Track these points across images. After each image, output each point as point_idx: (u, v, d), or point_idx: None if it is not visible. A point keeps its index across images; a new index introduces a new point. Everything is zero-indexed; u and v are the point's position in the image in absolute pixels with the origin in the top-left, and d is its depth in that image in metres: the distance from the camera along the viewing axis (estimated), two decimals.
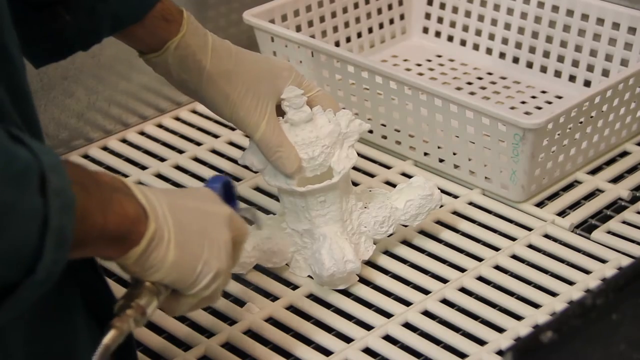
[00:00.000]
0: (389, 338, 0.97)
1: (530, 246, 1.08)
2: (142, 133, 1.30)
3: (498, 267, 1.05)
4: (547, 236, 1.10)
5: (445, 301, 1.01)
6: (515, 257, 1.07)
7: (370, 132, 1.23)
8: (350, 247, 0.99)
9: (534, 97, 1.34)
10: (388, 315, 0.99)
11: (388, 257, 1.06)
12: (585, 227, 1.11)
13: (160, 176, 1.21)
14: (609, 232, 1.10)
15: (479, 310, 1.00)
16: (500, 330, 0.97)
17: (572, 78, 1.34)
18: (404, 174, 1.19)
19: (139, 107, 1.32)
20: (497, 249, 1.08)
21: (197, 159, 1.24)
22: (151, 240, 0.70)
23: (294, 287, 1.03)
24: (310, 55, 1.23)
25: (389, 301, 1.01)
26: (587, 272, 1.04)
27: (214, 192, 0.80)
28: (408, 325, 0.98)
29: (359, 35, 1.41)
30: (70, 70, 1.24)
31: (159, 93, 1.33)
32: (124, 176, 1.20)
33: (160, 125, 1.31)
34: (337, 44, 1.38)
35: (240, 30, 1.34)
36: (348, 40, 1.40)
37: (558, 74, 1.35)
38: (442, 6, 1.44)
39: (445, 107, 1.13)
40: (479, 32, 1.42)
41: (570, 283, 1.03)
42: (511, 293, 1.02)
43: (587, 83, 1.33)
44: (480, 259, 1.06)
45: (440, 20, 1.45)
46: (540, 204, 1.14)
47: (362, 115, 1.23)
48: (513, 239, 1.09)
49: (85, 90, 1.26)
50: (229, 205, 0.82)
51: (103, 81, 1.28)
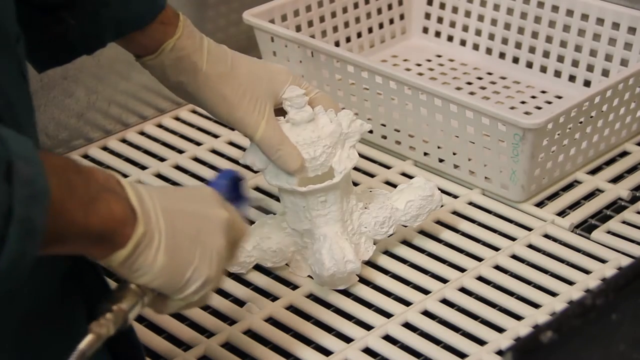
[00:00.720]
0: (388, 338, 0.97)
1: (530, 246, 1.08)
2: (142, 133, 1.30)
3: (498, 267, 1.05)
4: (547, 236, 1.10)
5: (445, 301, 1.01)
6: (515, 257, 1.07)
7: (370, 132, 1.23)
8: (350, 247, 0.99)
9: (533, 97, 1.34)
10: (388, 315, 0.99)
11: (388, 257, 1.06)
12: (585, 227, 1.11)
13: (160, 176, 1.21)
14: (608, 232, 1.10)
15: (478, 310, 1.00)
16: (500, 330, 0.97)
17: (572, 78, 1.34)
18: (404, 174, 1.19)
19: (138, 107, 1.32)
20: (497, 249, 1.08)
21: (197, 159, 1.24)
22: (138, 244, 0.69)
23: (294, 287, 1.03)
24: (310, 55, 1.23)
25: (388, 301, 1.01)
26: (587, 272, 1.04)
27: (216, 192, 0.79)
28: (408, 325, 0.98)
29: (359, 35, 1.41)
30: (70, 70, 1.24)
31: (159, 93, 1.33)
32: (124, 176, 1.20)
33: (160, 125, 1.31)
34: (337, 44, 1.38)
35: (240, 30, 1.34)
36: (348, 40, 1.40)
37: (558, 74, 1.35)
38: (442, 6, 1.44)
39: (445, 107, 1.13)
40: (478, 32, 1.42)
41: (570, 283, 1.03)
42: (511, 293, 1.02)
43: (587, 83, 1.33)
44: (480, 259, 1.06)
45: (440, 20, 1.45)
46: (540, 204, 1.14)
47: (362, 115, 1.23)
48: (513, 239, 1.09)
49: (85, 90, 1.26)
50: (238, 200, 0.82)
51: (103, 81, 1.28)
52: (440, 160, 1.18)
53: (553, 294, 1.01)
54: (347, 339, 0.97)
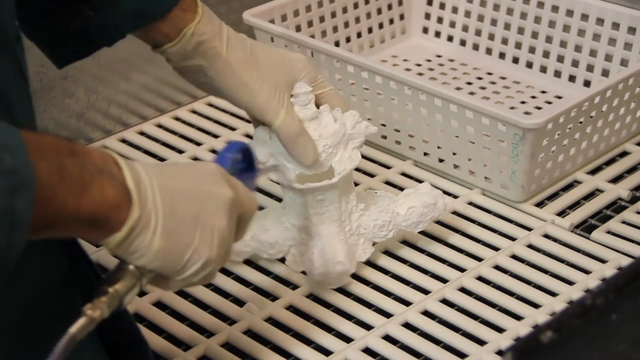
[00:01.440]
0: (388, 338, 0.97)
1: (530, 246, 1.08)
2: (142, 133, 1.30)
3: (498, 267, 1.05)
4: (546, 236, 1.10)
5: (445, 301, 1.01)
6: (515, 257, 1.07)
7: None
8: (343, 248, 0.99)
9: (533, 97, 1.34)
10: (388, 315, 0.99)
11: (388, 257, 1.06)
12: (585, 227, 1.11)
13: None
14: (608, 232, 1.10)
15: (478, 310, 1.00)
16: (500, 330, 0.97)
17: (572, 78, 1.34)
18: (404, 174, 1.19)
19: (138, 107, 1.32)
20: (496, 249, 1.08)
21: (196, 159, 1.24)
22: (134, 227, 0.68)
23: (294, 287, 1.03)
24: (310, 55, 1.23)
25: (388, 301, 1.01)
26: (586, 272, 1.04)
27: (221, 169, 0.76)
28: (408, 325, 0.98)
29: (359, 35, 1.41)
30: (70, 70, 1.24)
31: (159, 93, 1.33)
32: None
33: (160, 125, 1.31)
34: (337, 44, 1.38)
35: (240, 30, 1.32)
36: (348, 40, 1.40)
37: (558, 74, 1.35)
38: (442, 6, 1.45)
39: (445, 107, 1.13)
40: (478, 32, 1.42)
41: (570, 283, 1.03)
42: (511, 293, 1.02)
43: (587, 83, 1.33)
44: (480, 259, 1.06)
45: (440, 20, 1.45)
46: (540, 204, 1.14)
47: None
48: (513, 239, 1.09)
49: (85, 90, 1.26)
50: (247, 173, 0.81)
51: (103, 81, 1.28)
52: (440, 160, 1.18)
53: (553, 294, 1.01)
54: (347, 339, 0.97)
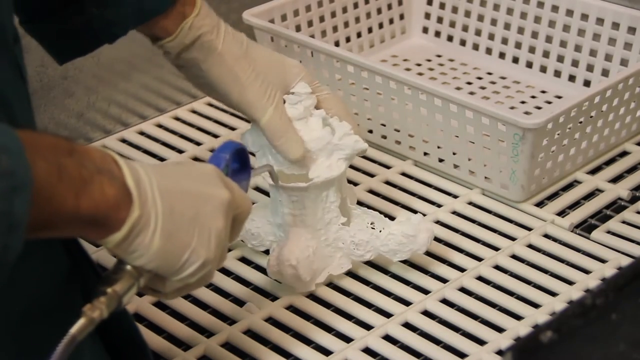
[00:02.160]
0: (388, 338, 0.97)
1: (530, 246, 1.08)
2: (142, 133, 1.30)
3: (498, 267, 1.05)
4: (546, 236, 1.10)
5: (445, 301, 1.01)
6: (514, 257, 1.07)
7: (370, 132, 1.23)
8: (302, 254, 0.98)
9: (533, 97, 1.34)
10: (388, 315, 0.99)
11: (388, 257, 1.06)
12: (585, 227, 1.11)
13: None
14: (608, 232, 1.10)
15: (478, 310, 1.00)
16: (500, 330, 0.97)
17: (572, 78, 1.34)
18: (404, 174, 1.19)
19: (138, 107, 1.32)
20: (496, 248, 1.08)
21: (197, 159, 1.24)
22: (133, 227, 0.68)
23: None
24: (310, 55, 1.23)
25: (388, 301, 1.01)
26: (586, 272, 1.04)
27: (217, 170, 0.77)
28: (408, 325, 0.98)
29: (359, 35, 1.41)
30: (70, 70, 1.24)
31: (159, 93, 1.33)
32: None
33: (160, 125, 1.31)
34: (337, 43, 1.38)
35: (239, 30, 1.33)
36: (348, 40, 1.40)
37: (558, 73, 1.35)
38: (442, 6, 1.44)
39: (445, 107, 1.13)
40: (478, 32, 1.42)
41: (570, 283, 1.03)
42: (511, 293, 1.02)
43: (587, 83, 1.33)
44: (480, 259, 1.06)
45: (440, 20, 1.45)
46: (540, 204, 1.14)
47: (362, 115, 1.23)
48: (513, 238, 1.09)
49: (85, 90, 1.26)
50: (241, 172, 0.81)
51: (103, 81, 1.28)
52: (440, 160, 1.18)
53: (553, 293, 1.01)
54: (347, 339, 0.97)
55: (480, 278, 1.04)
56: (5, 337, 0.72)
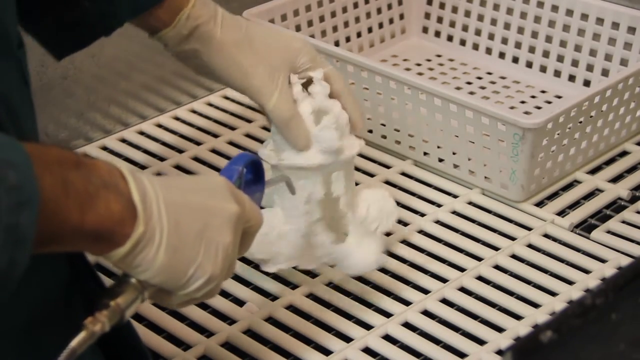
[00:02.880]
0: (388, 338, 0.97)
1: (530, 246, 1.08)
2: (142, 133, 1.30)
3: (497, 267, 1.05)
4: (546, 236, 1.10)
5: (445, 301, 1.01)
6: (514, 256, 1.07)
7: (370, 132, 1.23)
8: (262, 232, 0.88)
9: (533, 96, 1.34)
10: (388, 314, 0.99)
11: (388, 257, 1.06)
12: (585, 227, 1.11)
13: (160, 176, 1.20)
14: (608, 232, 1.10)
15: (478, 310, 1.00)
16: (499, 330, 0.97)
17: (572, 78, 1.34)
18: (404, 174, 1.19)
19: (138, 106, 1.32)
20: (496, 248, 1.08)
21: (197, 159, 1.24)
22: (137, 242, 0.67)
23: (294, 286, 1.03)
24: None
25: (388, 300, 1.01)
26: (586, 271, 1.04)
27: (228, 182, 0.76)
28: (408, 325, 0.98)
29: (359, 34, 1.41)
30: (70, 70, 1.24)
31: (159, 93, 1.33)
32: None
33: (160, 125, 1.31)
34: (337, 43, 1.38)
35: None
36: (348, 39, 1.40)
37: (557, 73, 1.35)
38: (442, 6, 1.44)
39: (445, 107, 1.13)
40: (478, 32, 1.42)
41: (570, 283, 1.03)
42: (511, 293, 1.02)
43: (587, 83, 1.33)
44: (479, 259, 1.06)
45: (439, 20, 1.45)
46: (540, 204, 1.14)
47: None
48: (513, 238, 1.09)
49: (85, 90, 1.26)
50: (255, 185, 0.80)
51: (103, 81, 1.28)
52: (440, 160, 1.18)
53: (553, 293, 1.01)
54: (347, 339, 0.97)
55: (480, 278, 1.04)
56: (9, 347, 0.72)
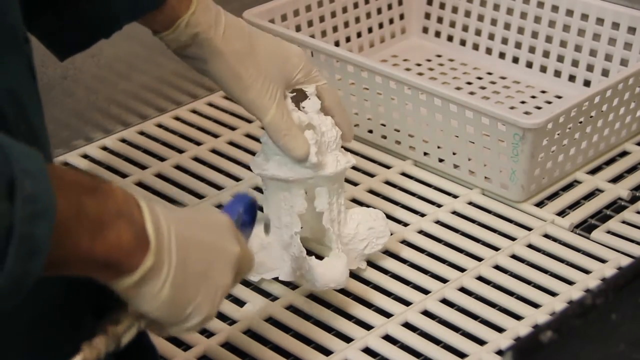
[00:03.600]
0: (388, 338, 0.97)
1: (530, 246, 1.08)
2: (142, 133, 1.30)
3: (498, 267, 1.05)
4: (546, 236, 1.10)
5: (445, 301, 1.01)
6: (514, 257, 1.07)
7: (370, 132, 1.23)
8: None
9: (533, 97, 1.34)
10: (388, 315, 0.99)
11: (388, 257, 1.06)
12: (585, 227, 1.11)
13: (160, 176, 1.21)
14: (608, 232, 1.10)
15: (478, 310, 1.00)
16: (500, 330, 0.97)
17: (572, 78, 1.34)
18: (404, 174, 1.19)
19: (139, 107, 1.32)
20: (496, 248, 1.08)
21: (197, 159, 1.24)
22: (145, 274, 0.66)
23: (294, 287, 1.03)
24: (310, 55, 1.23)
25: (388, 301, 1.01)
26: (586, 272, 1.04)
27: (232, 223, 0.77)
28: (408, 325, 0.98)
29: (359, 35, 1.41)
30: (70, 70, 1.24)
31: (159, 93, 1.33)
32: (124, 176, 1.20)
33: (160, 125, 1.31)
34: (337, 43, 1.38)
35: None
36: (348, 40, 1.40)
37: (558, 73, 1.35)
38: (442, 6, 1.44)
39: (445, 107, 1.13)
40: (478, 32, 1.42)
41: (570, 283, 1.03)
42: (511, 293, 1.02)
43: (587, 83, 1.33)
44: (479, 259, 1.06)
45: (440, 20, 1.45)
46: (540, 204, 1.14)
47: (362, 115, 1.23)
48: (513, 238, 1.09)
49: (85, 90, 1.26)
50: (246, 225, 0.81)
51: (103, 81, 1.28)
52: (440, 160, 1.18)
53: (553, 293, 1.01)
54: (347, 339, 0.97)
55: (480, 278, 1.04)
56: (13, 348, 0.72)
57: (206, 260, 0.71)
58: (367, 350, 0.96)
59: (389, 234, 1.03)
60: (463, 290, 1.03)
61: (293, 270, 1.00)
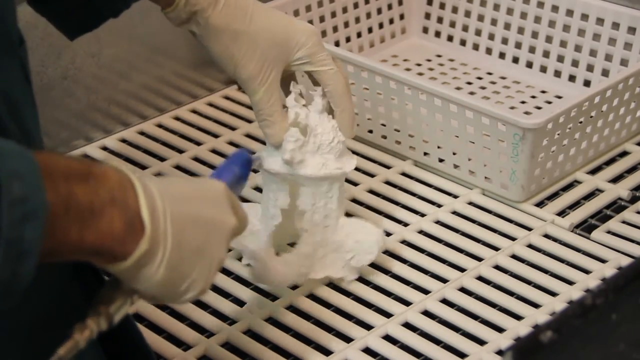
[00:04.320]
0: (388, 338, 0.97)
1: (530, 246, 1.08)
2: (142, 133, 1.30)
3: (498, 267, 1.05)
4: (546, 236, 1.10)
5: (445, 301, 1.01)
6: (515, 257, 1.07)
7: (370, 132, 1.23)
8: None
9: (533, 97, 1.34)
10: (388, 315, 0.99)
11: (388, 257, 1.06)
12: (585, 227, 1.11)
13: (160, 176, 1.21)
14: (608, 232, 1.10)
15: (478, 310, 1.00)
16: (500, 330, 0.97)
17: (572, 78, 1.34)
18: (404, 174, 1.19)
19: (139, 107, 1.32)
20: (496, 248, 1.08)
21: (197, 159, 1.24)
22: (140, 259, 0.66)
23: (294, 287, 1.03)
24: None
25: (389, 301, 1.01)
26: (586, 272, 1.04)
27: (228, 191, 0.76)
28: (408, 325, 0.98)
29: (359, 35, 1.41)
30: (70, 70, 1.24)
31: (159, 93, 1.33)
32: None
33: (160, 125, 1.31)
34: (337, 43, 1.38)
35: None
36: (348, 40, 1.40)
37: (558, 73, 1.35)
38: (442, 6, 1.45)
39: (445, 107, 1.13)
40: (478, 32, 1.42)
41: (570, 283, 1.03)
42: (511, 293, 1.02)
43: (587, 83, 1.33)
44: (480, 259, 1.06)
45: (440, 20, 1.45)
46: (540, 204, 1.14)
47: (362, 115, 1.23)
48: (513, 238, 1.09)
49: (85, 90, 1.26)
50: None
51: (103, 81, 1.28)
52: (440, 160, 1.18)
53: (553, 293, 1.01)
54: (347, 339, 0.97)
55: (480, 278, 1.04)
56: (13, 346, 0.72)
57: (202, 236, 0.71)
58: (367, 350, 0.96)
59: (377, 252, 1.01)
60: (463, 290, 1.03)
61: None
